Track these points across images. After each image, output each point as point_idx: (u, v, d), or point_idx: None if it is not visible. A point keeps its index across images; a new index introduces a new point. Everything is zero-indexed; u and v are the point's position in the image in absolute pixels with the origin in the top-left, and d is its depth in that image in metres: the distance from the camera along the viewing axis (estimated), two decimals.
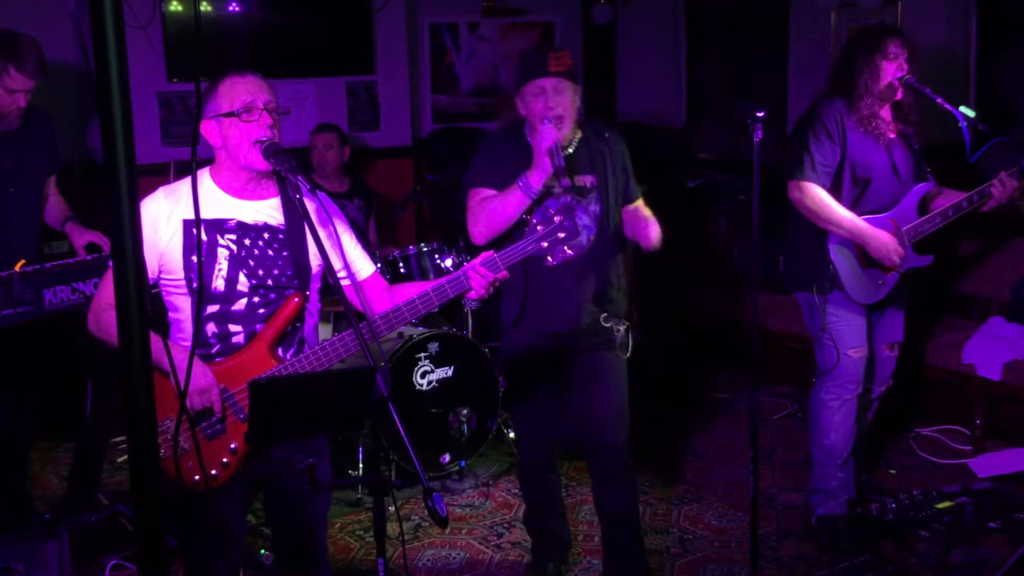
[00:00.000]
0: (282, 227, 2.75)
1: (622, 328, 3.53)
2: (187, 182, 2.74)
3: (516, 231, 3.30)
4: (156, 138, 6.11)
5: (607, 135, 3.50)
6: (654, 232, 3.39)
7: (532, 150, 3.35)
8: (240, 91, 2.65)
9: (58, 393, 4.69)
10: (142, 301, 1.33)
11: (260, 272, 2.70)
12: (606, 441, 3.52)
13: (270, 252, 2.72)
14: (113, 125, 1.28)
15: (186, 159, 5.89)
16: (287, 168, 2.58)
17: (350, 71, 6.75)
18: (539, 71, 3.30)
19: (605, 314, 3.49)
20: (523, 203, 3.29)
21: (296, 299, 2.71)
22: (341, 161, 5.72)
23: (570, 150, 3.40)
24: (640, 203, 3.53)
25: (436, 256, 5.07)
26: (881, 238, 3.80)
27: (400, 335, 4.69)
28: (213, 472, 2.64)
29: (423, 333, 4.70)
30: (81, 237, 4.08)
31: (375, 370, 2.35)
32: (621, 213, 3.50)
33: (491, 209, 3.34)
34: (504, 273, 2.68)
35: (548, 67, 3.28)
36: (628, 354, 3.56)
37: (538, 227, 2.70)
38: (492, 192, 3.38)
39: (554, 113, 3.28)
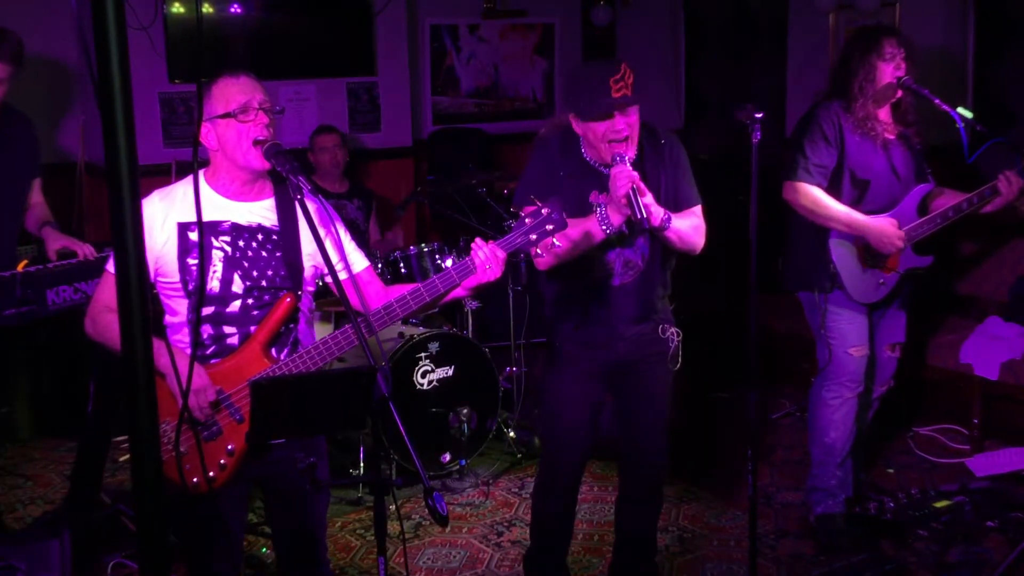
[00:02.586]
0: (276, 228, 2.76)
1: (677, 339, 3.41)
2: (181, 185, 2.77)
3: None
4: (158, 139, 6.13)
5: (663, 141, 3.26)
6: (689, 239, 3.21)
7: (589, 166, 3.19)
8: (235, 92, 2.66)
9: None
10: (144, 301, 1.34)
11: (254, 273, 2.71)
12: (650, 461, 3.46)
13: (263, 253, 2.73)
14: (115, 126, 1.29)
15: (188, 159, 5.91)
16: (288, 169, 2.59)
17: (351, 72, 6.76)
18: (604, 104, 2.99)
19: (662, 325, 3.36)
20: (599, 238, 3.07)
21: (288, 299, 2.72)
22: (342, 162, 5.74)
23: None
24: (693, 210, 3.28)
25: (436, 256, 5.08)
26: (880, 226, 3.81)
27: (401, 335, 4.71)
28: (211, 474, 2.66)
29: (424, 333, 4.71)
30: (56, 242, 4.00)
31: (376, 370, 2.36)
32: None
33: (561, 241, 2.89)
34: (502, 252, 2.67)
35: (611, 95, 2.98)
36: (678, 366, 3.43)
37: (526, 220, 2.69)
38: None
39: (620, 136, 3.02)
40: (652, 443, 3.44)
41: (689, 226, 3.22)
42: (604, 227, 3.03)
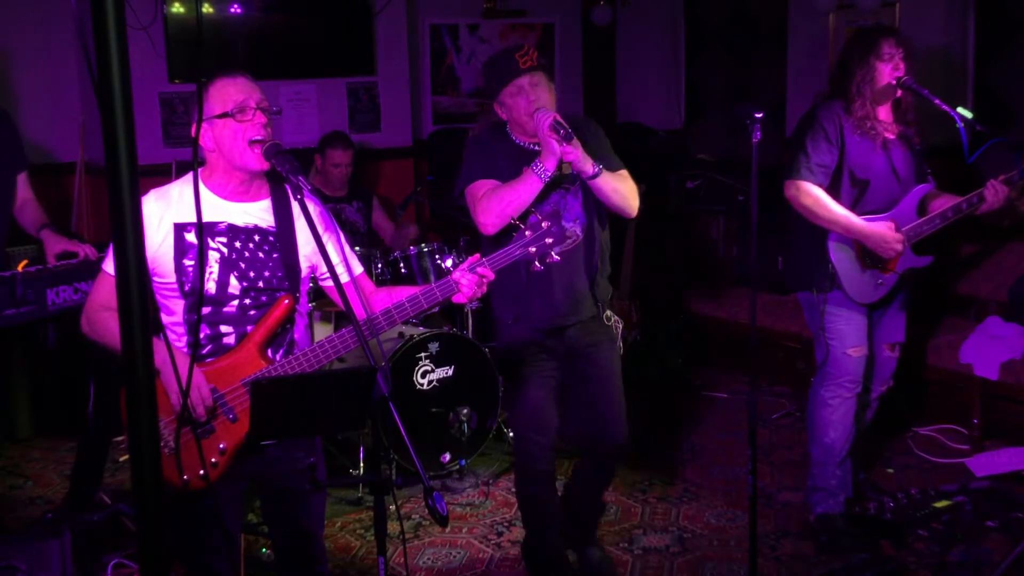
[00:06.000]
0: (272, 229, 2.76)
1: (619, 323, 3.63)
2: (176, 185, 2.76)
3: (505, 234, 3.26)
4: (158, 139, 6.12)
5: (582, 119, 3.56)
6: (624, 192, 3.43)
7: (523, 149, 3.41)
8: (232, 92, 2.67)
9: None
10: (144, 301, 1.34)
11: (251, 274, 2.71)
12: (616, 440, 3.62)
13: (260, 254, 2.73)
14: (115, 126, 1.29)
15: (187, 159, 5.91)
16: (288, 169, 2.60)
17: (351, 72, 6.76)
18: (512, 72, 3.35)
19: (607, 312, 3.57)
20: (538, 188, 3.29)
21: (286, 301, 2.72)
22: (350, 174, 5.72)
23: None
24: (620, 173, 3.49)
25: (436, 256, 5.08)
26: (878, 230, 3.81)
27: (401, 335, 4.71)
28: (201, 472, 2.66)
29: (423, 333, 4.71)
30: (56, 245, 3.98)
31: (376, 370, 2.36)
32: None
33: (504, 197, 3.31)
34: (490, 273, 2.73)
35: (519, 65, 3.34)
36: (621, 351, 3.67)
37: (526, 232, 2.75)
38: (496, 183, 3.37)
39: (538, 106, 3.30)
40: (615, 427, 3.61)
41: (622, 182, 3.46)
42: (540, 173, 3.25)
